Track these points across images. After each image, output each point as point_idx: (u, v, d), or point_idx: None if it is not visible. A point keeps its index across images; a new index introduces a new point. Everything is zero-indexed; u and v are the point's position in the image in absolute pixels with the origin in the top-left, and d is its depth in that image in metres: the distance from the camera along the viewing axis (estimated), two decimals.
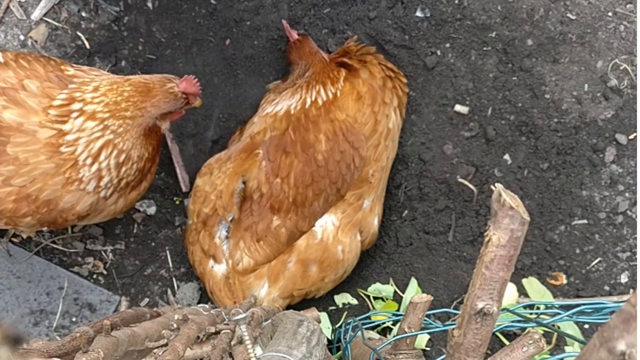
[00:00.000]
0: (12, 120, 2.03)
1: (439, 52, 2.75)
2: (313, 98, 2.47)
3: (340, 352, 2.42)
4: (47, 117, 2.05)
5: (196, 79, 2.23)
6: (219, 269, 2.55)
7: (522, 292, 2.63)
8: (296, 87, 2.54)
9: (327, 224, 2.49)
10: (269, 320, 1.73)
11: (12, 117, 2.03)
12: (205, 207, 2.51)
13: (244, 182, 2.47)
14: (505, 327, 1.87)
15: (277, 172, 2.42)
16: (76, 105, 2.07)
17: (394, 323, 2.55)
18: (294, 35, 2.67)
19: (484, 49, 2.74)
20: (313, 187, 2.43)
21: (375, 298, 2.70)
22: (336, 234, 2.49)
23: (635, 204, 2.67)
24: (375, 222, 2.57)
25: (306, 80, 2.54)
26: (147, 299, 2.77)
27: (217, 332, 1.58)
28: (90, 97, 2.07)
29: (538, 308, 2.36)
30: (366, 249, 2.65)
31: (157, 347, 1.48)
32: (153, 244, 2.78)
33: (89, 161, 2.09)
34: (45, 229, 2.47)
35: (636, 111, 2.67)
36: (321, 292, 2.61)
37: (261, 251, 2.48)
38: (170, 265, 2.78)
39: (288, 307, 2.56)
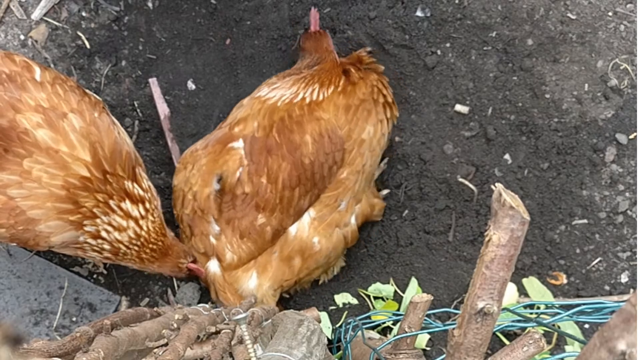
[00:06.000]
0: (42, 141, 1.99)
1: (439, 52, 2.75)
2: (306, 95, 2.46)
3: (340, 352, 2.42)
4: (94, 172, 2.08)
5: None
6: (214, 265, 2.52)
7: (523, 291, 2.63)
8: (299, 77, 2.53)
9: (301, 220, 2.49)
10: (269, 320, 1.73)
11: (44, 139, 1.99)
12: (186, 208, 2.47)
13: (221, 179, 2.42)
14: (506, 327, 1.87)
15: (262, 172, 2.40)
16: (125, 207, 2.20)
17: (394, 323, 2.55)
18: (317, 26, 2.67)
19: (484, 48, 2.73)
20: (300, 188, 2.43)
21: (375, 298, 2.70)
22: (310, 227, 2.48)
23: (635, 203, 2.67)
24: (353, 220, 2.57)
25: (311, 73, 2.53)
26: (147, 299, 2.77)
27: (217, 332, 1.58)
28: (139, 219, 2.24)
29: (538, 308, 2.36)
30: (350, 247, 2.65)
31: (157, 347, 1.48)
32: None
33: (95, 231, 2.16)
34: (14, 244, 2.45)
35: (636, 111, 2.67)
36: (313, 277, 2.63)
37: (245, 248, 2.46)
38: None
39: (288, 307, 2.56)
